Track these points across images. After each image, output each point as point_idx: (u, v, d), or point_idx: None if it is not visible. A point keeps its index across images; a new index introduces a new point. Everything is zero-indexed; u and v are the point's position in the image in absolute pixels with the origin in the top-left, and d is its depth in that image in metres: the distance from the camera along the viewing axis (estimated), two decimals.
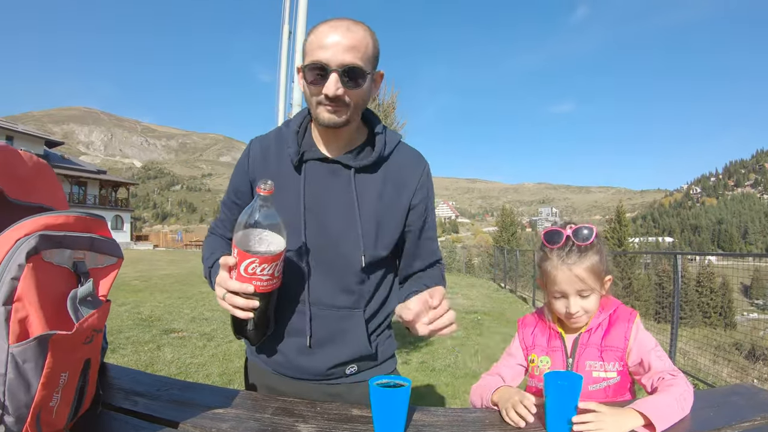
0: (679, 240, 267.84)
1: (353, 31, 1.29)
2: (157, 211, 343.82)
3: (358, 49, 1.29)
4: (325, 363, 1.46)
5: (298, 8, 5.05)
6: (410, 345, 7.82)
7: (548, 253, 1.47)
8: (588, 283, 1.41)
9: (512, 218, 50.68)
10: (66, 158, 51.66)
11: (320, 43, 1.28)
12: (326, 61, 1.27)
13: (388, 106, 7.25)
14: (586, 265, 1.41)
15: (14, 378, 0.79)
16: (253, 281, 1.23)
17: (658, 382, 1.29)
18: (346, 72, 1.28)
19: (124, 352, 6.73)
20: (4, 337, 0.79)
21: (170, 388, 1.37)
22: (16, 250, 0.82)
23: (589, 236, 1.44)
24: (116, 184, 52.69)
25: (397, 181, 1.46)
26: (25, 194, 1.03)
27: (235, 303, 1.25)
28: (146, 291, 13.46)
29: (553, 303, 1.47)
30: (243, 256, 1.20)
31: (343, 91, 1.29)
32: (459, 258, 34.63)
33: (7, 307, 0.79)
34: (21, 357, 0.79)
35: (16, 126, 45.26)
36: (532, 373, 1.53)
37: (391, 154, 1.48)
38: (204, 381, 5.59)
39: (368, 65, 1.33)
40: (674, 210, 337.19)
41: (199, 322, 9.21)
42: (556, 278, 1.43)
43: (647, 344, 1.40)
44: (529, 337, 1.56)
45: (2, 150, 1.00)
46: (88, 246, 0.99)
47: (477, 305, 14.08)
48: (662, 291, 15.50)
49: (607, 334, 1.43)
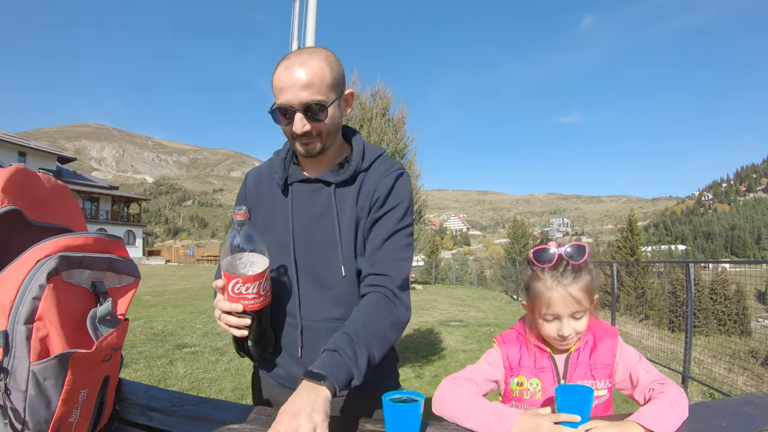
0: (691, 247, 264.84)
1: (307, 66, 1.36)
2: (168, 226, 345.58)
3: (314, 83, 1.36)
4: None
5: (306, 24, 5.10)
6: (423, 359, 7.80)
7: (539, 273, 1.37)
8: (583, 304, 1.33)
9: (524, 229, 50.45)
10: (78, 174, 52.19)
11: (280, 86, 1.38)
12: (288, 102, 1.37)
13: (398, 121, 7.28)
14: (581, 285, 1.33)
15: (35, 395, 0.81)
16: (241, 300, 1.32)
17: (650, 393, 1.30)
18: (308, 109, 1.37)
19: (137, 366, 6.76)
20: (26, 355, 0.81)
21: (185, 404, 1.38)
22: (37, 271, 0.84)
23: (583, 254, 1.37)
24: (128, 200, 53.12)
25: (367, 189, 1.52)
26: (43, 215, 1.06)
27: (228, 322, 1.36)
28: (159, 306, 13.52)
29: (543, 326, 1.38)
30: (228, 277, 1.30)
31: (309, 126, 1.39)
32: (471, 270, 34.45)
33: (28, 326, 0.81)
34: (42, 374, 0.81)
35: (29, 142, 45.89)
36: (519, 398, 1.41)
37: (370, 166, 1.54)
38: (217, 396, 5.60)
39: (329, 94, 1.40)
40: (686, 217, 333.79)
41: (211, 337, 9.23)
42: (551, 300, 1.34)
43: (632, 359, 1.39)
44: (514, 357, 1.44)
45: (21, 172, 1.03)
46: (106, 266, 1.02)
47: (489, 317, 14.02)
48: (676, 300, 15.37)
49: (594, 352, 1.40)
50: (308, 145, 1.44)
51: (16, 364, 0.81)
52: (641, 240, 35.92)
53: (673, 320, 13.74)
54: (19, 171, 1.02)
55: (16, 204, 0.95)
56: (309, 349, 1.49)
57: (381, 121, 7.08)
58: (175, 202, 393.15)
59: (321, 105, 1.38)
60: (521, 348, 1.45)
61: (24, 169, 1.04)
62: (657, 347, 9.99)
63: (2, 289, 0.83)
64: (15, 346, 0.81)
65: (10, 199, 0.94)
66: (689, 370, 7.24)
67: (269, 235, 1.49)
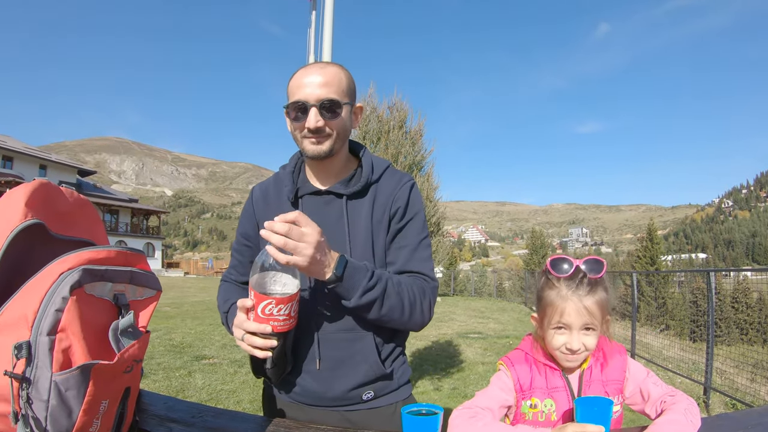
0: (712, 255, 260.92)
1: (326, 69, 1.47)
2: (187, 238, 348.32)
3: (332, 84, 1.45)
4: (339, 387, 1.48)
5: (323, 39, 5.14)
6: (442, 371, 7.75)
7: (555, 282, 1.35)
8: (596, 319, 1.31)
9: (542, 240, 50.12)
10: (98, 187, 53.08)
11: (298, 84, 1.45)
12: (305, 98, 1.42)
13: (416, 133, 7.30)
14: (596, 299, 1.31)
15: (56, 404, 0.83)
16: (270, 321, 1.28)
17: (661, 405, 1.28)
18: (323, 105, 1.42)
19: (156, 377, 6.80)
20: (48, 366, 0.83)
21: (204, 415, 1.39)
22: (60, 283, 0.86)
23: (601, 269, 1.34)
24: (147, 213, 53.82)
25: (382, 201, 1.55)
26: (66, 229, 1.08)
27: (253, 343, 1.31)
28: (177, 318, 13.59)
29: (553, 336, 1.34)
30: (260, 298, 1.26)
31: (323, 122, 1.44)
32: (489, 282, 34.19)
33: (51, 337, 0.83)
34: (64, 385, 0.83)
35: (50, 155, 46.78)
36: (534, 420, 1.36)
37: (380, 178, 1.59)
38: (235, 408, 5.61)
39: (344, 97, 1.47)
40: (706, 225, 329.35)
41: (229, 348, 9.26)
42: (564, 309, 1.31)
43: (641, 373, 1.38)
44: (525, 379, 1.38)
45: (44, 186, 1.05)
46: (128, 279, 1.04)
47: (509, 329, 13.90)
48: (697, 309, 15.12)
49: (605, 369, 1.38)
50: (318, 144, 1.47)
51: (39, 374, 0.82)
52: (661, 249, 35.44)
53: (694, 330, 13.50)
54: (43, 185, 1.04)
55: (40, 217, 0.98)
56: (327, 361, 1.49)
57: (398, 134, 7.11)
58: (194, 215, 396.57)
59: (336, 103, 1.43)
60: (531, 368, 1.40)
61: (47, 183, 1.06)
62: (678, 358, 9.83)
63: (26, 301, 0.85)
64: (38, 356, 0.82)
65: (34, 212, 0.97)
66: (711, 381, 7.12)
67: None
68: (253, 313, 1.28)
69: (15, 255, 0.92)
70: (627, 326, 11.25)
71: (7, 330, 0.84)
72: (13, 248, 0.91)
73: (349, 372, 1.49)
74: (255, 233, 1.65)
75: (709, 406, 6.78)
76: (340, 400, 1.50)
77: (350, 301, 1.35)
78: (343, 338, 1.49)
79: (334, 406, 1.51)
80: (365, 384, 1.50)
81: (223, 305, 1.65)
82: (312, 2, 5.39)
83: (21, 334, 0.83)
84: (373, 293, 1.36)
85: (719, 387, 7.36)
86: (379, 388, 1.53)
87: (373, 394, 1.52)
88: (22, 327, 0.84)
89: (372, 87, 7.57)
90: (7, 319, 0.85)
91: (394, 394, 1.56)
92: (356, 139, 8.36)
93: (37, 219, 0.96)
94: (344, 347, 1.48)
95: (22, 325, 0.84)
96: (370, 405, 1.52)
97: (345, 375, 1.49)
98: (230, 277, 1.77)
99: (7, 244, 0.90)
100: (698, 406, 1.24)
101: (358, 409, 1.51)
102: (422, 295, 1.50)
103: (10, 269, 0.92)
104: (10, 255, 0.91)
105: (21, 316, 0.84)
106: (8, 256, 0.90)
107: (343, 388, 1.49)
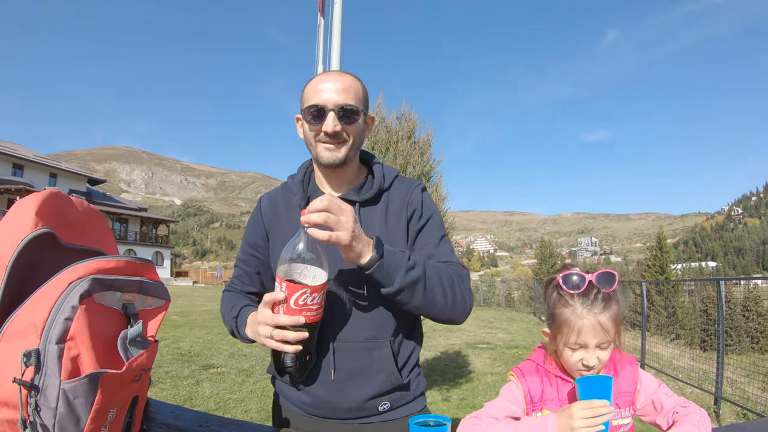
0: (722, 263, 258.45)
1: (343, 76, 1.48)
2: (196, 247, 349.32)
3: (350, 90, 1.46)
4: (355, 398, 1.47)
5: (331, 48, 5.17)
6: (450, 382, 7.72)
7: (569, 300, 1.30)
8: (610, 335, 1.28)
9: (551, 250, 49.84)
10: (108, 196, 53.46)
11: (315, 89, 1.46)
12: (323, 102, 1.43)
13: (424, 143, 7.30)
14: (611, 314, 1.28)
15: (65, 412, 0.83)
16: (303, 312, 1.25)
17: (674, 416, 1.29)
18: (341, 110, 1.43)
19: (164, 386, 6.81)
20: (57, 374, 0.83)
21: (211, 424, 1.39)
22: (69, 293, 0.87)
23: (613, 282, 1.31)
24: (157, 221, 54.08)
25: (396, 207, 1.56)
26: (76, 238, 1.09)
27: (285, 337, 1.26)
28: (186, 326, 13.63)
29: (568, 354, 1.31)
30: (293, 288, 1.23)
31: (340, 127, 1.44)
32: (498, 292, 34.05)
33: (60, 345, 0.84)
34: (72, 393, 0.84)
35: (60, 164, 47.19)
36: None
37: (391, 185, 1.60)
38: (242, 417, 5.60)
39: (360, 105, 1.48)
40: (716, 233, 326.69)
41: (237, 358, 9.27)
42: (581, 329, 1.27)
43: (653, 385, 1.37)
44: (537, 391, 1.36)
45: (55, 196, 1.07)
46: (137, 289, 1.05)
47: (517, 340, 13.84)
48: (707, 318, 15.00)
49: (616, 380, 1.33)
50: (334, 150, 1.47)
51: (47, 382, 0.83)
52: (671, 258, 35.12)
53: (705, 339, 13.39)
54: (53, 195, 1.06)
55: (50, 227, 0.99)
56: (342, 371, 1.47)
57: (407, 144, 7.12)
58: (202, 224, 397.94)
59: (354, 109, 1.45)
60: (543, 380, 1.37)
61: (57, 193, 1.08)
62: (689, 367, 9.75)
63: (35, 309, 0.86)
64: (46, 364, 0.83)
65: (44, 222, 0.98)
66: (722, 391, 7.05)
67: None
68: (284, 306, 1.25)
69: (25, 264, 0.93)
70: (637, 336, 11.18)
71: (17, 338, 0.85)
72: (24, 257, 0.92)
73: (366, 382, 1.47)
74: (264, 243, 1.64)
75: (719, 416, 6.70)
76: (355, 411, 1.48)
77: (393, 283, 1.32)
78: (361, 347, 1.47)
79: (348, 418, 1.49)
80: (381, 394, 1.49)
81: (230, 311, 1.61)
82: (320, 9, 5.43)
83: (30, 342, 0.84)
84: (415, 272, 1.33)
85: (730, 397, 7.29)
86: (395, 399, 1.52)
87: (389, 405, 1.51)
88: (31, 335, 0.84)
89: (381, 97, 7.60)
90: (17, 327, 0.86)
91: (409, 406, 1.55)
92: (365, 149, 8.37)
93: (48, 228, 0.97)
94: (361, 357, 1.47)
95: (32, 333, 0.84)
96: (385, 417, 1.51)
97: (361, 385, 1.47)
98: (234, 287, 1.73)
99: (17, 252, 0.91)
100: (709, 416, 1.23)
101: (373, 421, 1.50)
102: (460, 279, 1.48)
103: (21, 278, 0.93)
104: (20, 264, 0.92)
105: (30, 324, 0.85)
106: (18, 265, 0.91)
107: (359, 398, 1.47)
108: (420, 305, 1.38)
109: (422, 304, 1.38)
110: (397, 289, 1.32)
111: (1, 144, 42.01)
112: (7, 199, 37.86)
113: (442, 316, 1.45)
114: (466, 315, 1.50)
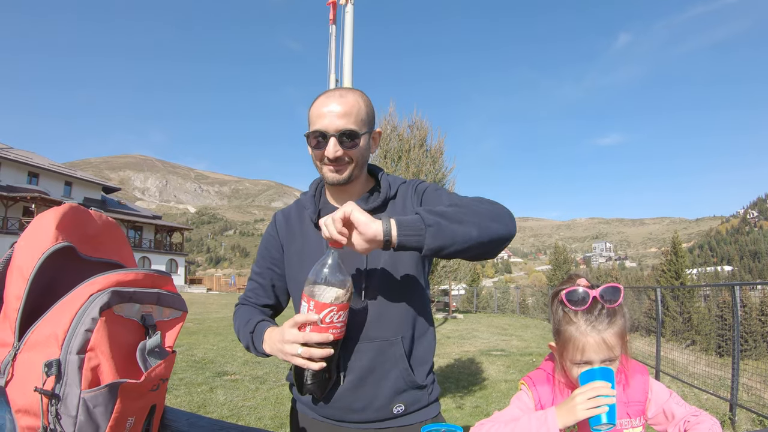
0: (738, 267, 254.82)
1: (345, 98, 1.50)
2: (210, 255, 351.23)
3: (351, 114, 1.48)
4: (369, 399, 1.49)
5: (343, 57, 5.20)
6: (464, 389, 7.69)
7: (572, 317, 1.29)
8: (615, 352, 1.28)
9: (565, 255, 49.66)
10: (122, 204, 53.90)
11: (318, 113, 1.49)
12: (324, 128, 1.46)
13: (436, 151, 7.34)
14: (615, 330, 1.27)
15: (84, 421, 0.86)
16: (329, 330, 1.30)
17: (685, 425, 1.28)
18: (342, 135, 1.46)
19: (178, 393, 6.86)
20: (77, 383, 0.86)
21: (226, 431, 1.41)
22: (90, 305, 0.90)
23: (618, 297, 1.29)
24: (171, 229, 54.39)
25: (400, 209, 1.61)
26: (95, 251, 1.12)
27: (312, 355, 1.30)
28: (200, 333, 13.70)
29: (573, 370, 1.30)
30: (321, 306, 1.28)
31: (342, 152, 1.49)
32: (512, 298, 33.87)
33: (80, 355, 0.86)
34: (92, 402, 0.86)
35: (75, 172, 47.68)
36: None
37: (396, 193, 1.64)
38: (256, 424, 5.63)
39: (362, 126, 1.51)
40: (731, 237, 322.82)
41: (251, 365, 9.31)
42: (585, 347, 1.26)
43: (664, 394, 1.36)
44: (547, 399, 1.36)
45: (74, 210, 1.09)
46: (155, 300, 1.07)
47: (532, 346, 13.76)
48: (723, 323, 14.83)
49: (627, 389, 1.35)
50: (337, 171, 1.51)
51: (68, 391, 0.85)
52: (686, 262, 34.76)
53: (721, 344, 13.23)
54: (72, 209, 1.09)
55: (70, 240, 1.01)
56: (354, 371, 1.50)
57: (419, 152, 7.16)
58: (216, 232, 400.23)
59: (354, 133, 1.47)
60: (554, 389, 1.37)
61: (77, 207, 1.11)
62: (704, 374, 9.62)
63: (56, 321, 0.89)
64: (67, 374, 0.85)
65: (64, 235, 1.01)
66: (737, 397, 6.97)
67: (304, 269, 1.47)
68: (311, 324, 1.29)
69: (46, 277, 0.95)
70: (652, 342, 11.07)
71: (38, 348, 0.88)
72: (44, 270, 0.95)
73: (378, 379, 1.50)
74: (279, 255, 1.70)
75: (735, 423, 6.61)
76: (370, 412, 1.50)
77: (425, 233, 1.24)
78: (371, 347, 1.50)
79: (363, 421, 1.51)
80: (395, 394, 1.51)
81: (245, 326, 1.62)
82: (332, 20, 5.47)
83: (51, 353, 0.86)
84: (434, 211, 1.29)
85: (746, 403, 7.18)
86: (409, 401, 1.53)
87: (404, 408, 1.52)
88: (52, 345, 0.87)
89: (392, 105, 7.64)
90: (38, 338, 0.89)
91: (424, 411, 1.57)
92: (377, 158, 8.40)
93: (67, 242, 1.00)
94: (373, 356, 1.50)
95: (53, 344, 0.87)
96: (401, 422, 1.53)
97: (373, 383, 1.49)
98: (249, 301, 1.76)
99: (38, 266, 0.93)
100: (724, 423, 1.23)
101: (388, 426, 1.52)
102: (490, 203, 1.44)
103: (42, 290, 0.95)
104: (41, 277, 0.94)
105: (51, 335, 0.87)
106: (39, 278, 0.94)
107: (372, 397, 1.49)
108: (464, 233, 1.28)
109: (465, 232, 1.29)
110: (434, 246, 1.26)
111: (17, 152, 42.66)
112: (23, 207, 38.41)
113: (496, 231, 1.35)
114: (514, 230, 1.42)
